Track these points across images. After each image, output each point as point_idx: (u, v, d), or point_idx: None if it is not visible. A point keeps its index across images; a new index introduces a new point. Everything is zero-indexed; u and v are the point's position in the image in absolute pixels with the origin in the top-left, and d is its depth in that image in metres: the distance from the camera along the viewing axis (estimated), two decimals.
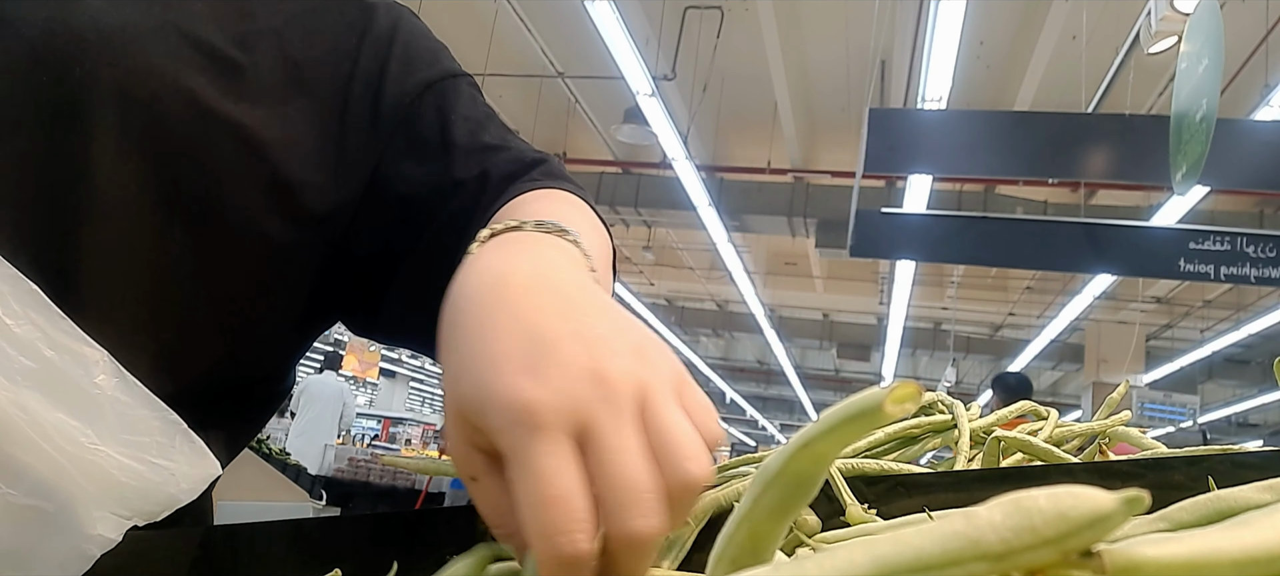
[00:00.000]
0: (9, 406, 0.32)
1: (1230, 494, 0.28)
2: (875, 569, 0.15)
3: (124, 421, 0.36)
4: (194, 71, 0.51)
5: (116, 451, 0.35)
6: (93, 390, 0.36)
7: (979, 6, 5.13)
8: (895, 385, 0.17)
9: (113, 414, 0.36)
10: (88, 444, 0.34)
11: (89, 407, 0.35)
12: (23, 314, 0.34)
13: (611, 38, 5.18)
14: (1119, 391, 0.70)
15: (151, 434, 0.37)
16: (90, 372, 0.36)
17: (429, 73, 0.62)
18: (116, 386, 0.37)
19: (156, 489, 0.37)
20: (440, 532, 0.47)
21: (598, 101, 8.08)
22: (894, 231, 6.06)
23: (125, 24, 0.50)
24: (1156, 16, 3.87)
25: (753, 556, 0.22)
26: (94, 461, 0.34)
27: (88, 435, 0.35)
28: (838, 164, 8.31)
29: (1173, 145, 3.88)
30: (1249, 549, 0.15)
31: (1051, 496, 0.15)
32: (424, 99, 0.60)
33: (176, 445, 0.38)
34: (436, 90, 0.61)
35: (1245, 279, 5.36)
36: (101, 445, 0.35)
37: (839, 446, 0.19)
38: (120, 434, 0.36)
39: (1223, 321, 10.72)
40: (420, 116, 0.60)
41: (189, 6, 0.53)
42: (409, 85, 0.60)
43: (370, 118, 0.59)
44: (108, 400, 0.36)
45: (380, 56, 0.60)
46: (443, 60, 0.64)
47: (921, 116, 5.15)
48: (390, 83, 0.60)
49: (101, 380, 0.36)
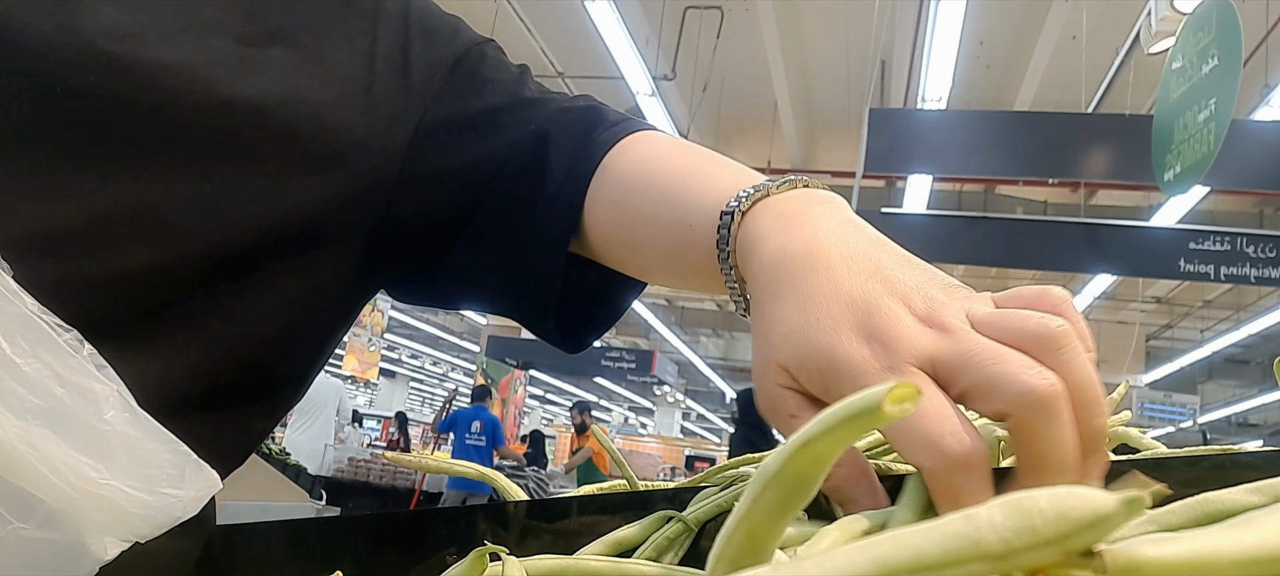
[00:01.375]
0: (20, 444, 0.33)
1: (1219, 496, 0.28)
2: (875, 569, 0.15)
3: (133, 456, 0.37)
4: (208, 69, 0.51)
5: (126, 485, 0.36)
6: (102, 426, 0.36)
7: (979, 6, 5.13)
8: (894, 385, 0.17)
9: (122, 449, 0.37)
10: (98, 479, 0.35)
11: (99, 443, 0.36)
12: (32, 353, 0.35)
13: (611, 38, 5.18)
14: (1119, 391, 0.70)
15: (161, 466, 0.38)
16: (100, 409, 0.37)
17: (455, 46, 0.62)
18: (126, 421, 0.37)
19: (163, 514, 0.38)
20: (440, 532, 0.47)
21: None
22: (894, 231, 5.98)
23: (137, 29, 0.50)
24: (1156, 16, 3.87)
25: (752, 556, 0.22)
26: (104, 495, 0.35)
27: (98, 470, 0.36)
28: (838, 164, 8.31)
29: (1159, 144, 3.88)
30: (1250, 549, 0.15)
31: (1052, 496, 0.15)
32: (456, 72, 0.61)
33: (185, 475, 0.39)
34: (467, 61, 0.61)
35: (1245, 279, 5.36)
36: (111, 479, 0.36)
37: (838, 446, 0.19)
38: (130, 467, 0.37)
39: (1223, 321, 10.72)
40: (456, 89, 0.60)
41: (199, 11, 0.53)
42: (436, 61, 0.60)
43: (400, 93, 0.58)
44: (117, 436, 0.37)
45: (399, 36, 0.60)
46: (463, 32, 0.64)
47: (921, 116, 5.16)
48: (416, 59, 0.60)
49: (111, 416, 0.37)
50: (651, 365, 13.72)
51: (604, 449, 1.44)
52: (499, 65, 0.63)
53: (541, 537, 0.45)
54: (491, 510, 0.46)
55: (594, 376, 14.78)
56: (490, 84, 0.61)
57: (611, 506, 0.45)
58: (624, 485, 0.54)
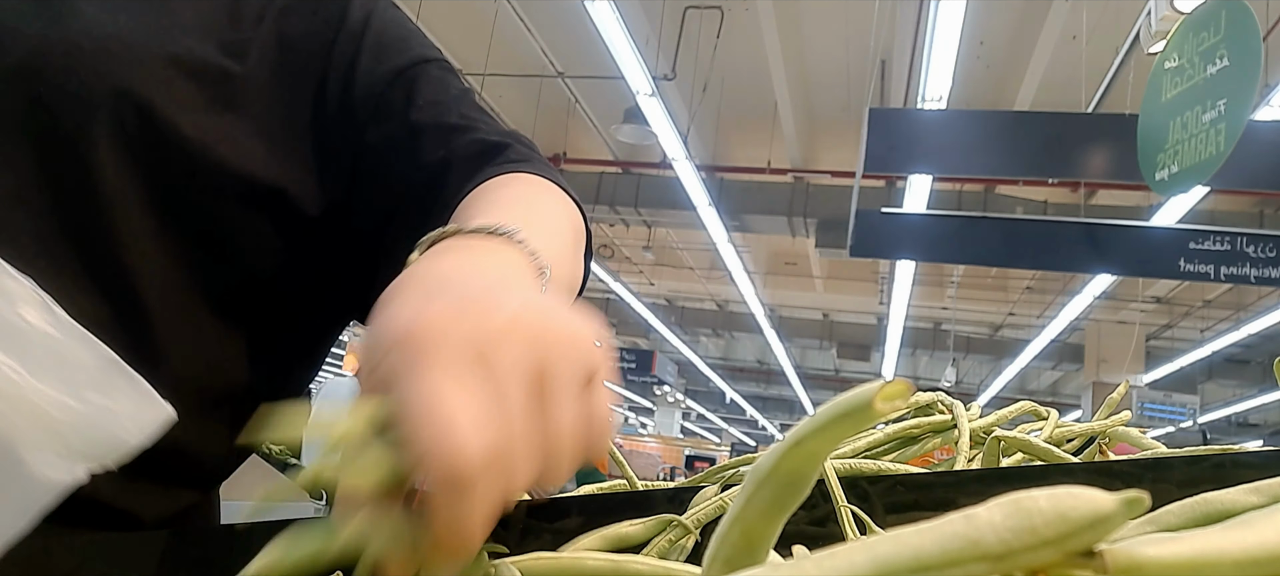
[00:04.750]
0: None
1: (1217, 496, 0.28)
2: (874, 569, 0.15)
3: (55, 357, 0.33)
4: (188, 80, 0.52)
5: (51, 388, 0.32)
6: (19, 323, 0.32)
7: (979, 6, 5.13)
8: (885, 382, 0.17)
9: (42, 349, 0.33)
10: (19, 381, 0.31)
11: (16, 342, 0.32)
12: None
13: (611, 37, 5.18)
14: (1119, 391, 0.70)
15: (86, 370, 0.34)
16: (14, 305, 0.33)
17: (399, 60, 0.61)
18: (45, 320, 0.33)
19: (98, 429, 0.34)
20: None
21: (598, 101, 8.08)
22: (894, 231, 6.06)
23: (118, 34, 0.50)
24: (1156, 16, 3.87)
25: (747, 556, 0.22)
26: (28, 399, 0.31)
27: (19, 372, 0.31)
28: (838, 164, 8.31)
29: (1149, 144, 3.88)
30: (1251, 549, 0.15)
31: (1051, 497, 0.15)
32: (394, 86, 0.60)
33: (116, 383, 0.35)
34: (406, 77, 0.60)
35: (1245, 279, 5.36)
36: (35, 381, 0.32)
37: (831, 444, 0.19)
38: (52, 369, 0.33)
39: (1223, 321, 10.72)
40: (389, 104, 0.59)
41: (179, 16, 0.54)
42: (379, 74, 0.60)
43: (344, 111, 0.58)
44: (36, 334, 0.33)
45: (352, 48, 0.60)
46: (414, 46, 0.63)
47: (921, 116, 5.15)
48: (361, 73, 0.59)
49: (27, 313, 0.33)
50: (651, 365, 13.72)
51: None
52: (438, 84, 0.62)
53: (541, 537, 0.45)
54: None
55: None
56: (418, 103, 0.60)
57: (611, 506, 0.45)
58: (624, 485, 0.54)
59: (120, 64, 0.49)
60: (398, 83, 0.60)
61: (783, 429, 24.98)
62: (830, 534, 0.43)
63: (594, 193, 8.79)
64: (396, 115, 0.59)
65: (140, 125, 0.50)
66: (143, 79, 0.50)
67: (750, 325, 13.35)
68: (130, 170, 0.50)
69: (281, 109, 0.56)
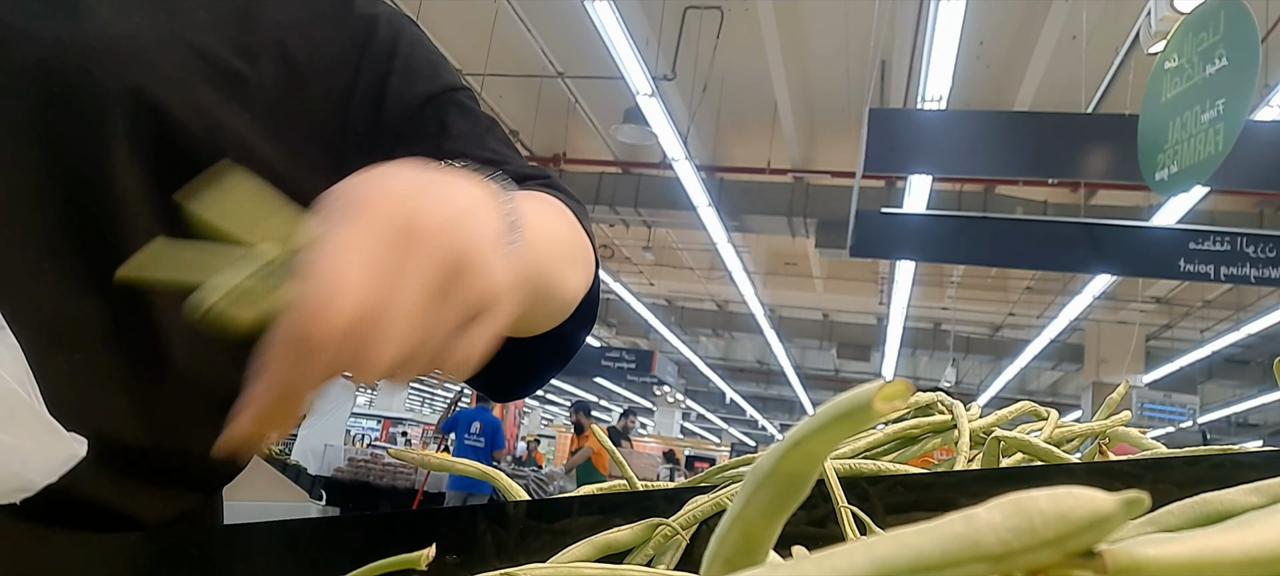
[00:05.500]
0: None
1: (1217, 496, 0.28)
2: (874, 569, 0.15)
3: None
4: (200, 82, 0.52)
5: None
6: None
7: (979, 6, 5.13)
8: (885, 382, 0.17)
9: None
10: None
11: None
12: None
13: (611, 38, 5.18)
14: (1119, 391, 0.70)
15: None
16: None
17: (429, 87, 0.62)
18: None
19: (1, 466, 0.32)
20: (440, 532, 0.47)
21: (598, 101, 8.08)
22: (894, 231, 6.06)
23: (133, 35, 0.50)
24: (1156, 16, 3.87)
25: (747, 557, 0.22)
26: None
27: None
28: (838, 164, 8.31)
29: (1149, 144, 3.88)
30: (1251, 549, 0.15)
31: (1051, 497, 0.15)
32: (424, 113, 0.61)
33: (18, 418, 0.34)
34: (437, 104, 0.61)
35: (1245, 279, 5.36)
36: None
37: (830, 444, 0.19)
38: None
39: (1223, 321, 10.72)
40: (420, 129, 0.60)
41: (193, 16, 0.54)
42: (410, 98, 0.60)
43: (370, 130, 0.59)
44: None
45: (381, 69, 0.60)
46: (443, 73, 0.64)
47: (921, 116, 5.16)
48: (391, 96, 0.60)
49: None
50: (651, 365, 13.72)
51: (604, 449, 1.43)
52: (467, 114, 0.63)
53: (541, 537, 0.45)
54: (492, 510, 0.46)
55: (594, 376, 14.78)
56: (452, 133, 0.61)
57: (611, 506, 0.45)
58: (624, 485, 0.54)
59: (134, 65, 0.49)
60: (429, 109, 0.61)
61: (782, 429, 25.00)
62: (830, 534, 0.43)
63: (594, 193, 8.79)
64: (429, 139, 0.60)
65: (153, 126, 0.50)
66: (156, 80, 0.50)
67: (750, 325, 13.35)
68: (142, 171, 0.50)
69: (296, 115, 0.56)
